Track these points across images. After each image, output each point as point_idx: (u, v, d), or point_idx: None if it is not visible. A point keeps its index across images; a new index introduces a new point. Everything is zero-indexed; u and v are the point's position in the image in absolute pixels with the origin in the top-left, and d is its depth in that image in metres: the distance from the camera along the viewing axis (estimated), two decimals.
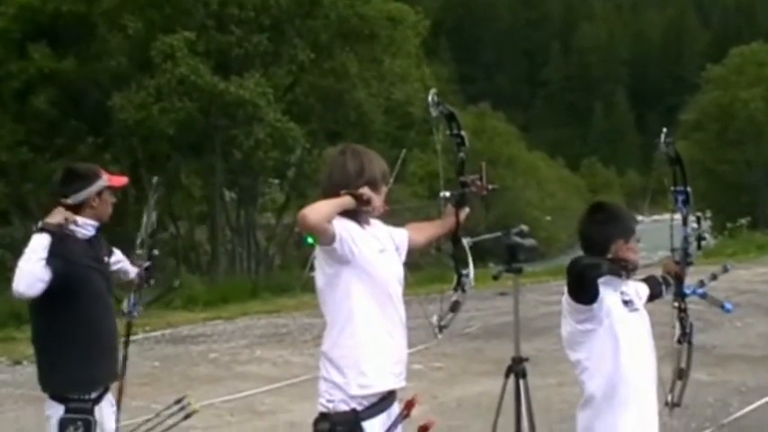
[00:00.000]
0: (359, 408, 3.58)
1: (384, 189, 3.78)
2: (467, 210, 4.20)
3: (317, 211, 3.52)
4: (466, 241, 4.22)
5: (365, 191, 3.62)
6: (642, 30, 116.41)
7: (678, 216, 4.26)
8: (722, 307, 4.46)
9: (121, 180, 4.40)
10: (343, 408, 3.58)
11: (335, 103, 20.69)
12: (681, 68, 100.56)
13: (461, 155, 4.28)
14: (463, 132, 4.28)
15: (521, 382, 4.64)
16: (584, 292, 3.64)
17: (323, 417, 3.61)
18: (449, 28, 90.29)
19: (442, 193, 4.22)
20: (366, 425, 3.57)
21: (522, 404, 4.61)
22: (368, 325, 3.63)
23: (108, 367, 4.32)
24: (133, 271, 4.67)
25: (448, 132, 4.29)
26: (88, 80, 18.87)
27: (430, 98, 4.19)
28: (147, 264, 4.61)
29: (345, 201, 3.59)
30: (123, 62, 18.56)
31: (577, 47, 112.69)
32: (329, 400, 3.60)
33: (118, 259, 4.54)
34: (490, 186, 4.26)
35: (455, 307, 4.24)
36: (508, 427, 4.68)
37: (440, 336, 4.21)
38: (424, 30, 23.02)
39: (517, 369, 4.67)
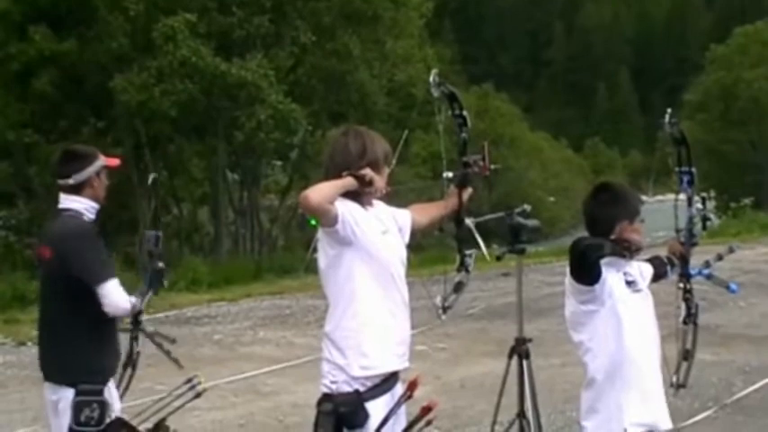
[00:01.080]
0: (362, 389, 3.58)
1: (386, 170, 3.77)
2: (470, 190, 4.19)
3: (319, 192, 3.51)
4: (469, 221, 4.22)
5: (367, 172, 3.62)
6: (646, 9, 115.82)
7: (683, 196, 4.24)
8: (728, 288, 4.44)
9: (115, 161, 4.39)
10: (346, 389, 3.58)
11: (338, 85, 20.63)
12: (685, 48, 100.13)
13: (464, 135, 4.26)
14: (465, 113, 4.27)
15: (524, 362, 4.65)
16: (586, 272, 3.63)
17: (326, 397, 3.62)
18: (452, 8, 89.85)
19: (444, 174, 4.21)
20: (369, 405, 3.58)
21: (526, 385, 4.62)
22: (370, 306, 3.63)
23: (116, 352, 4.35)
24: None
25: (450, 113, 4.27)
26: (90, 62, 18.81)
27: (431, 78, 4.18)
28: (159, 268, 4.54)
29: (347, 182, 3.58)
30: (125, 44, 18.51)
31: (581, 26, 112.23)
32: (332, 381, 3.61)
33: None
34: (492, 166, 4.25)
35: (458, 288, 4.24)
36: (511, 408, 4.69)
37: (443, 317, 4.22)
38: (428, 11, 22.92)
39: (520, 350, 4.67)
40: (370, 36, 21.09)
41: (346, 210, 3.58)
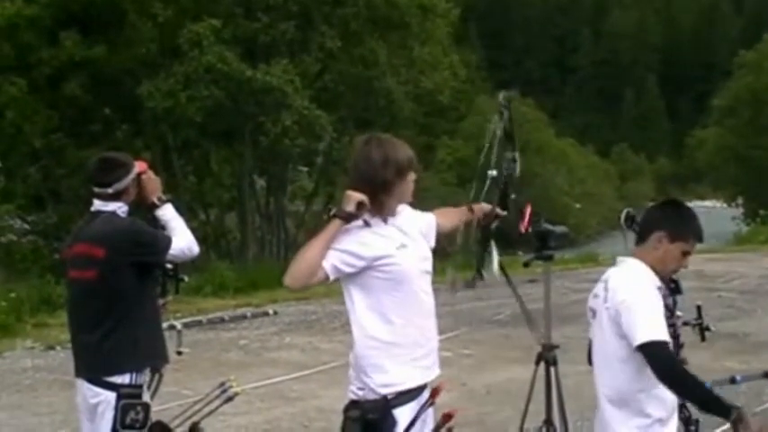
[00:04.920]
0: (390, 395, 3.57)
1: (412, 175, 3.74)
2: (503, 213, 4.19)
3: (295, 274, 3.50)
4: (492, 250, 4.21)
5: (353, 196, 3.54)
6: (674, 15, 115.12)
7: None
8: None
9: (142, 165, 4.48)
10: (374, 396, 3.57)
11: (365, 91, 20.65)
12: (712, 54, 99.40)
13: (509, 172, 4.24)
14: (517, 155, 4.25)
15: (551, 369, 4.62)
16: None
17: (353, 404, 3.60)
18: (478, 13, 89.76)
19: (489, 172, 4.19)
20: (397, 412, 3.56)
21: (553, 391, 4.60)
22: (389, 323, 3.60)
23: (163, 342, 4.43)
24: None
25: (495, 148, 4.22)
26: (119, 67, 18.99)
27: (501, 98, 4.16)
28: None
29: (330, 232, 3.53)
30: (153, 49, 18.66)
31: (608, 32, 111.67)
32: (360, 388, 3.60)
33: None
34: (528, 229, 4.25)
35: (470, 284, 4.23)
36: (538, 415, 4.67)
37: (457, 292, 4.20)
38: (454, 17, 22.91)
39: (548, 356, 4.65)
40: (397, 42, 21.10)
41: (339, 256, 3.53)
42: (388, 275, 3.58)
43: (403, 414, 3.56)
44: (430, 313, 3.70)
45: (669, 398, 3.64)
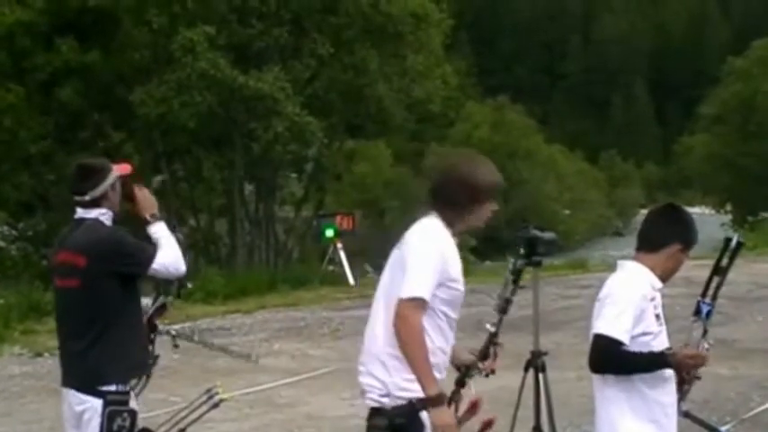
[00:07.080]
0: (415, 400, 3.53)
1: (494, 203, 3.75)
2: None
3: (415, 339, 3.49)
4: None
5: None
6: (663, 22, 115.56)
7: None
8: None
9: (126, 168, 4.45)
10: (400, 401, 3.53)
11: (355, 98, 20.63)
12: (701, 61, 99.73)
13: None
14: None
15: (540, 375, 4.64)
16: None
17: (376, 412, 3.55)
18: (468, 20, 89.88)
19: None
20: (423, 415, 3.54)
21: (542, 398, 4.62)
22: (429, 341, 3.60)
23: (147, 352, 4.41)
24: None
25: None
26: (113, 74, 18.96)
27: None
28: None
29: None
30: (146, 55, 18.64)
31: (597, 39, 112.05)
32: (383, 395, 3.55)
33: None
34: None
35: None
36: (527, 422, 4.68)
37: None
38: (447, 28, 22.94)
39: (536, 363, 4.67)
40: (389, 51, 21.08)
41: (433, 288, 3.54)
42: (449, 296, 3.60)
43: (429, 418, 3.54)
44: (448, 350, 3.72)
45: (661, 400, 3.64)
